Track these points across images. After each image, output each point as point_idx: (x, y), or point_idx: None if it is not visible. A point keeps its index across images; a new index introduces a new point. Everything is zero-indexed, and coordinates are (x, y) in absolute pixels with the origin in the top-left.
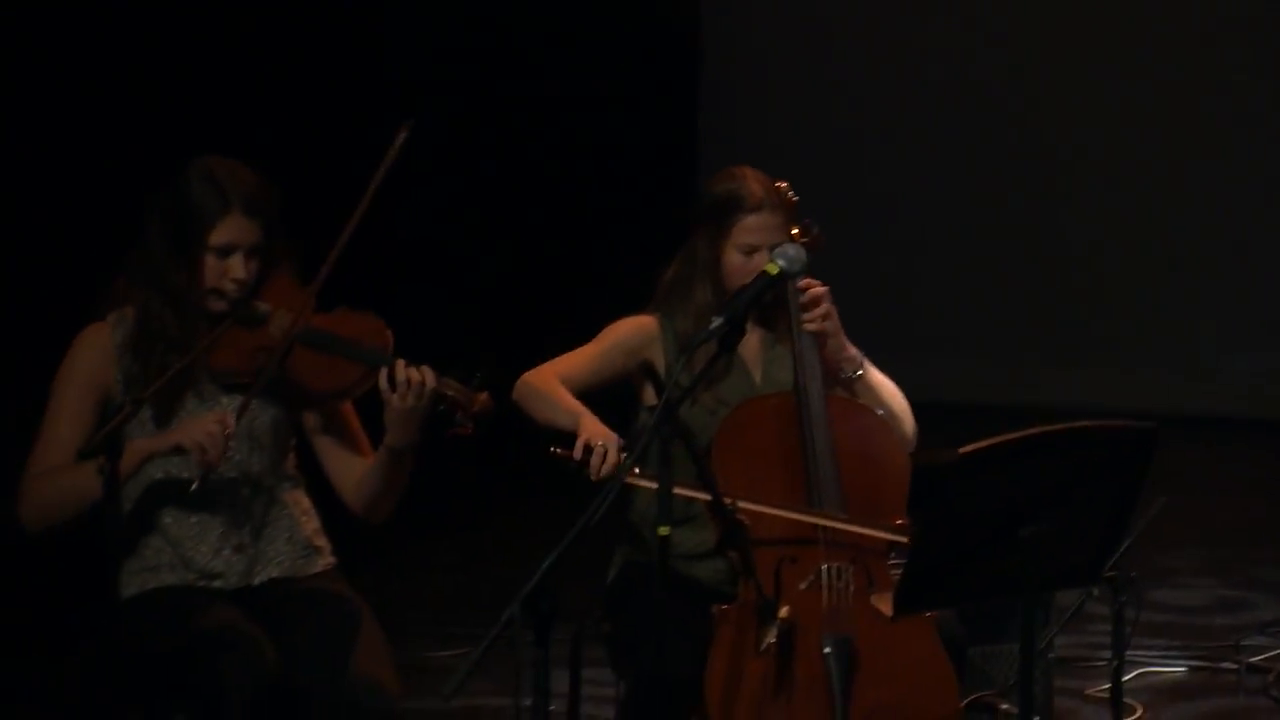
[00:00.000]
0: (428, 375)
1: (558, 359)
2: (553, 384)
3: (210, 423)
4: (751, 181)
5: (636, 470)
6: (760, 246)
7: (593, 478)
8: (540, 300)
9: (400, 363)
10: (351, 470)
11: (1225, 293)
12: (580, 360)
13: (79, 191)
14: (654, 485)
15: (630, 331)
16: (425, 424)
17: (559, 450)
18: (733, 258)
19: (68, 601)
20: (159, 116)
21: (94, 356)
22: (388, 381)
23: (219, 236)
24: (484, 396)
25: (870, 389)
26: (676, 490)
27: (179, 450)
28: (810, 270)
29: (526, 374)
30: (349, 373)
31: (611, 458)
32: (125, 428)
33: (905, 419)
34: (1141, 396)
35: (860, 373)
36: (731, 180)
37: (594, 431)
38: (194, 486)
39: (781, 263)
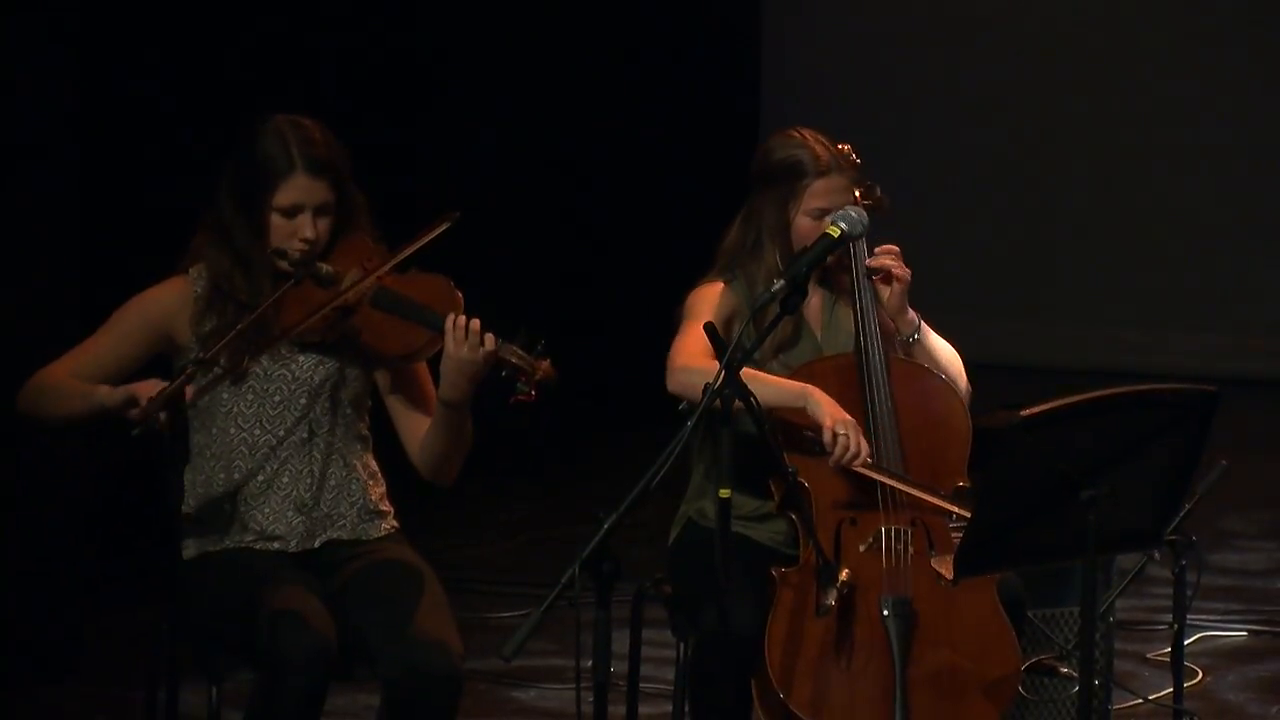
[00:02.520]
0: (489, 338)
1: (676, 349)
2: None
3: (156, 384)
4: (816, 145)
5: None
6: (830, 209)
7: (832, 464)
8: (598, 261)
9: (462, 316)
10: (420, 431)
11: None
12: (694, 335)
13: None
14: (880, 477)
15: (719, 299)
16: (488, 390)
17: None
18: (803, 222)
19: (135, 558)
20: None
21: (170, 301)
22: (450, 325)
23: (284, 197)
24: (546, 364)
25: (927, 351)
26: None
27: (131, 400)
28: (872, 232)
29: (677, 362)
30: (418, 335)
31: (853, 443)
32: (195, 391)
33: (960, 382)
34: (1202, 358)
35: (917, 335)
36: (795, 145)
37: (837, 413)
38: (135, 432)
39: (843, 225)
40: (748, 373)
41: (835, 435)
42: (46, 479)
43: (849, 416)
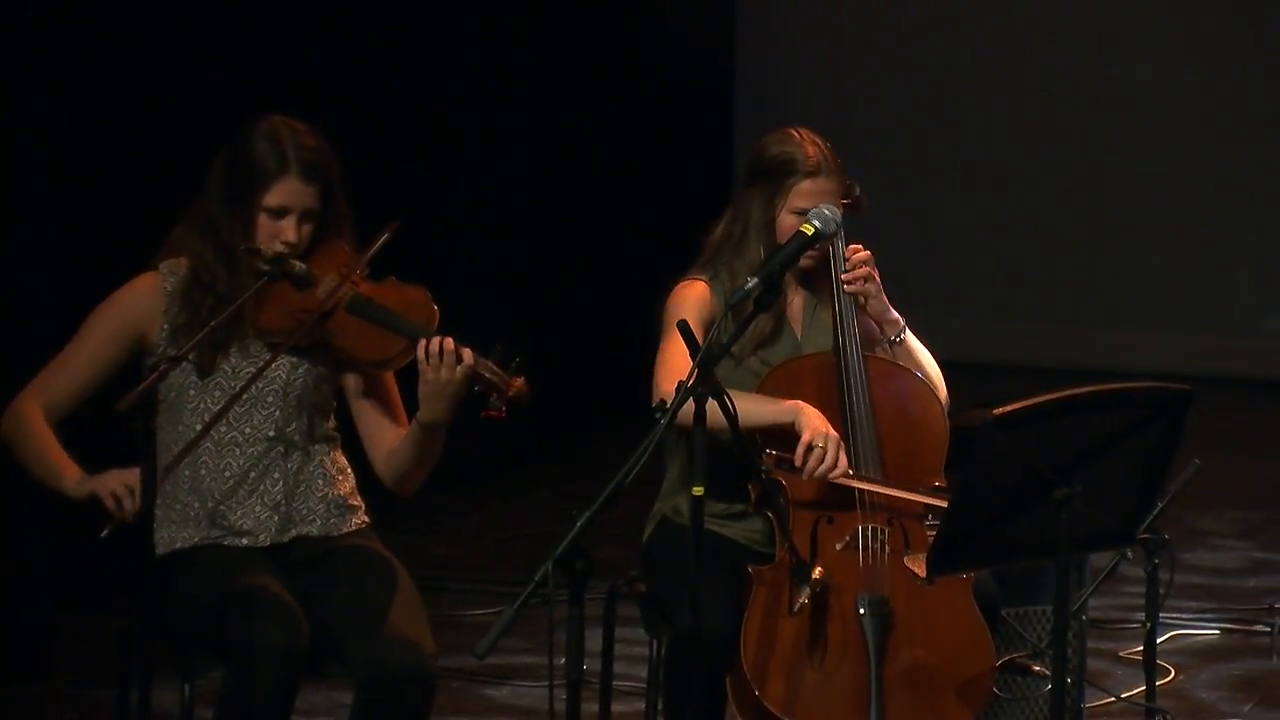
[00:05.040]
0: (466, 354)
1: (662, 361)
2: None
3: (128, 476)
4: (808, 145)
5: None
6: None
7: (804, 476)
8: (573, 253)
9: (438, 337)
10: (385, 440)
11: (1261, 253)
12: (677, 350)
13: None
14: (857, 485)
15: (697, 303)
16: (460, 403)
17: (773, 451)
18: (787, 220)
19: (107, 555)
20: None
21: (140, 301)
22: (424, 352)
23: (273, 198)
24: (520, 381)
25: (909, 354)
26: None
27: (93, 498)
28: (848, 232)
29: (665, 384)
30: (392, 344)
31: (830, 459)
32: (162, 383)
33: (939, 387)
34: (1175, 357)
35: (902, 337)
36: (788, 143)
37: (817, 426)
38: (104, 533)
39: (816, 224)
40: (737, 395)
41: (811, 447)
42: (16, 477)
43: (834, 432)
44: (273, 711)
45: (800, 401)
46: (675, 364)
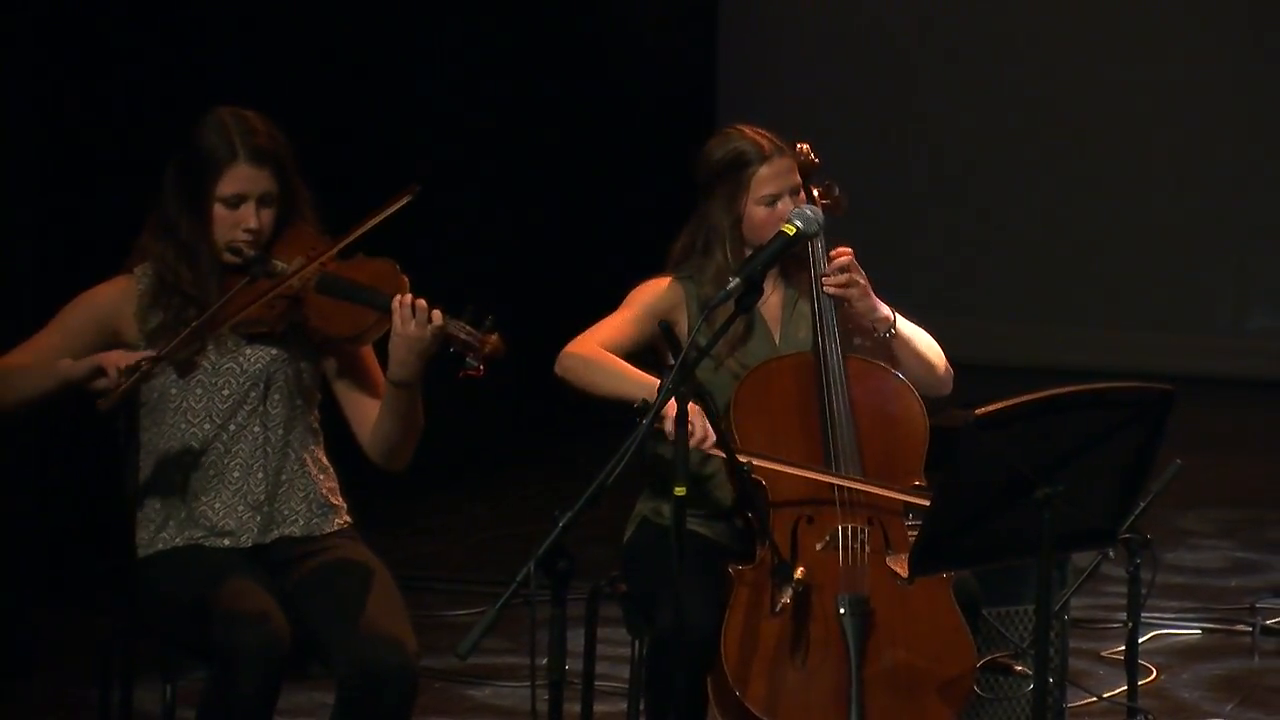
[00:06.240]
0: (436, 315)
1: (594, 328)
2: (607, 355)
3: (125, 354)
4: (754, 135)
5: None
6: (780, 194)
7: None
8: (552, 256)
9: (409, 295)
10: (370, 417)
11: (1243, 254)
12: (618, 326)
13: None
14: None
15: (656, 295)
16: (437, 367)
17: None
18: (756, 212)
19: (90, 556)
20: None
21: (115, 299)
22: (396, 305)
23: (227, 186)
24: (494, 338)
25: (905, 343)
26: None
27: (97, 369)
28: (828, 232)
29: (569, 347)
30: (365, 317)
31: (699, 430)
32: (144, 385)
33: (940, 364)
34: (1158, 357)
35: (893, 330)
36: (731, 140)
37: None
38: (101, 403)
39: (799, 223)
40: (592, 359)
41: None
42: None
43: (695, 406)
44: (254, 713)
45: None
46: (601, 333)
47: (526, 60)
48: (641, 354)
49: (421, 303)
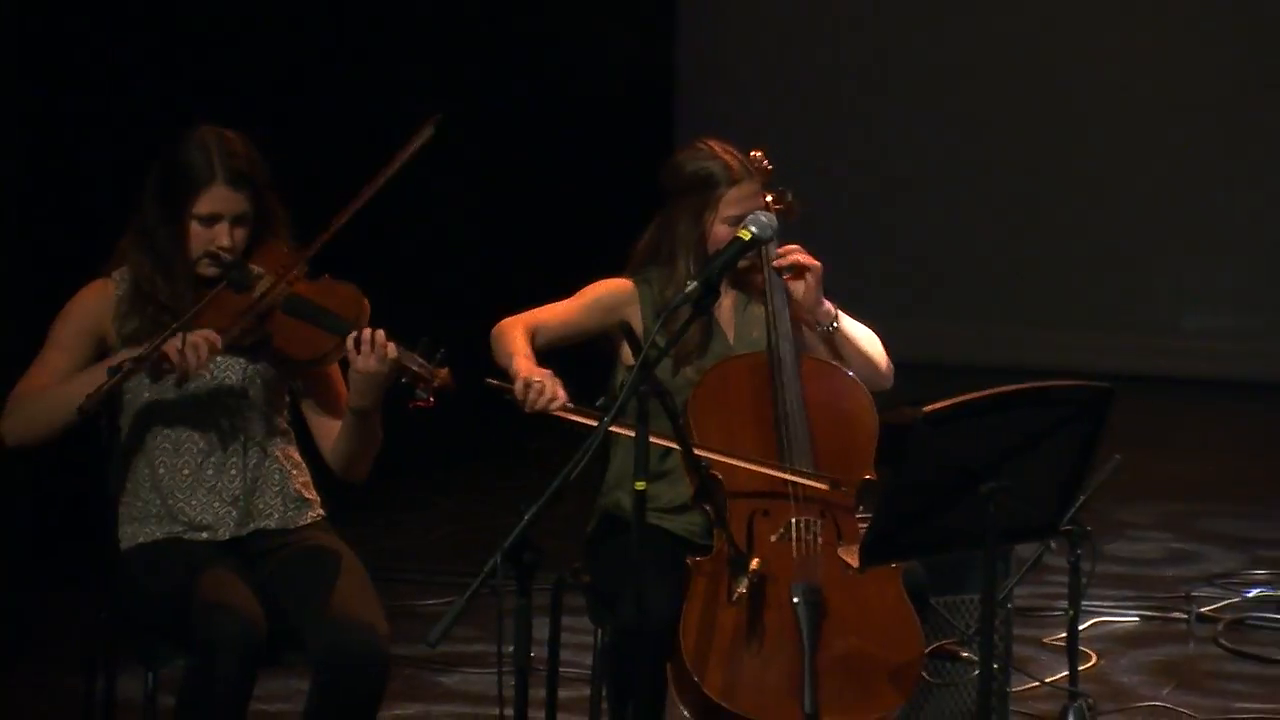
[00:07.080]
0: (390, 347)
1: (536, 309)
2: (515, 330)
3: (199, 336)
4: (725, 155)
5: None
6: (745, 215)
7: (527, 410)
8: (514, 260)
9: (368, 329)
10: (331, 431)
11: (1180, 254)
12: (557, 311)
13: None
14: (631, 434)
15: (609, 290)
16: (387, 393)
17: (494, 381)
18: (720, 230)
19: (74, 549)
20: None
21: (96, 305)
22: (352, 344)
23: (203, 205)
24: (444, 372)
25: (848, 338)
26: (654, 440)
27: (164, 358)
28: (783, 235)
29: (504, 319)
30: (325, 341)
31: (549, 391)
32: (122, 387)
33: (881, 361)
34: (1097, 357)
35: (836, 325)
36: (706, 157)
37: (529, 370)
38: (173, 382)
39: (754, 229)
40: (502, 332)
41: (528, 385)
42: None
43: (549, 372)
44: (232, 700)
45: (522, 353)
46: (538, 314)
47: (487, 62)
48: (583, 345)
49: (380, 335)
